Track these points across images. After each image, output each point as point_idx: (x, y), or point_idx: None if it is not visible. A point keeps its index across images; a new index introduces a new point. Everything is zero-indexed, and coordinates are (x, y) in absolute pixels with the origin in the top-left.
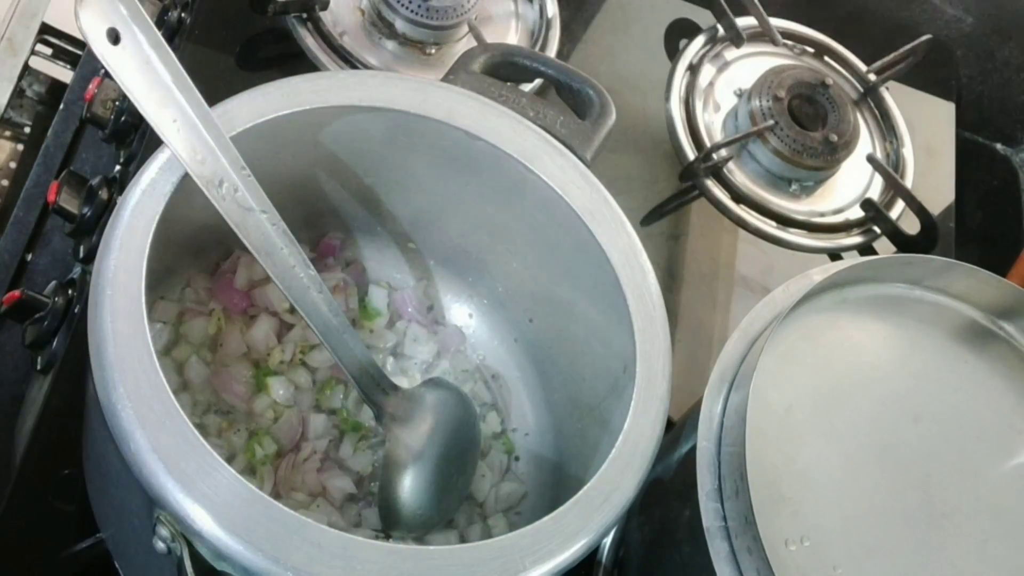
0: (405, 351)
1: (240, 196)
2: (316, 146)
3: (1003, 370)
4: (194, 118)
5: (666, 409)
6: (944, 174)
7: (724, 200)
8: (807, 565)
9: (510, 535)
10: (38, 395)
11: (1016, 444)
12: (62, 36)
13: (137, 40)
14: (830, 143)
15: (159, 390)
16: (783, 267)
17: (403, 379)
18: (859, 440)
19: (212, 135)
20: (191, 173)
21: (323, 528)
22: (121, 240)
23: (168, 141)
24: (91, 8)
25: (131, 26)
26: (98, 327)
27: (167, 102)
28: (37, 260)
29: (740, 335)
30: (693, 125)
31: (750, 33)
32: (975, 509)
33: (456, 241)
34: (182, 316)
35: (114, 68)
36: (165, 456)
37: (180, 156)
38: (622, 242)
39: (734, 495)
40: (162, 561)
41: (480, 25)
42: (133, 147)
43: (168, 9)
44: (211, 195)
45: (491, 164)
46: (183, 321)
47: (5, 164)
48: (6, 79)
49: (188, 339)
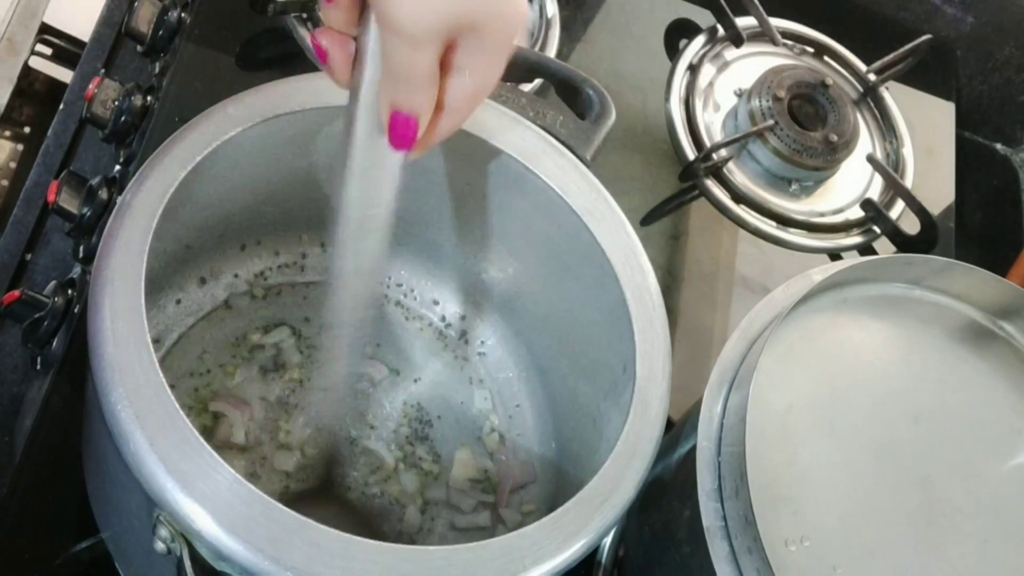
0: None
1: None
2: (315, 146)
3: (1003, 370)
4: None
5: (666, 409)
6: (944, 174)
7: (724, 200)
8: (807, 565)
9: (510, 535)
10: (38, 395)
11: (1016, 444)
12: (62, 36)
13: None
14: (830, 143)
15: (159, 390)
16: (783, 267)
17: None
18: (859, 440)
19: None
20: None
21: (323, 528)
22: (121, 240)
23: None
24: None
25: None
26: (98, 327)
27: None
28: (37, 260)
29: (740, 335)
30: (693, 125)
31: (750, 33)
32: (975, 509)
33: (456, 240)
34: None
35: None
36: (165, 456)
37: None
38: (622, 242)
39: (734, 495)
40: (162, 561)
41: None
42: (133, 147)
43: (168, 9)
44: None
45: (491, 164)
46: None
47: (5, 164)
48: (6, 79)
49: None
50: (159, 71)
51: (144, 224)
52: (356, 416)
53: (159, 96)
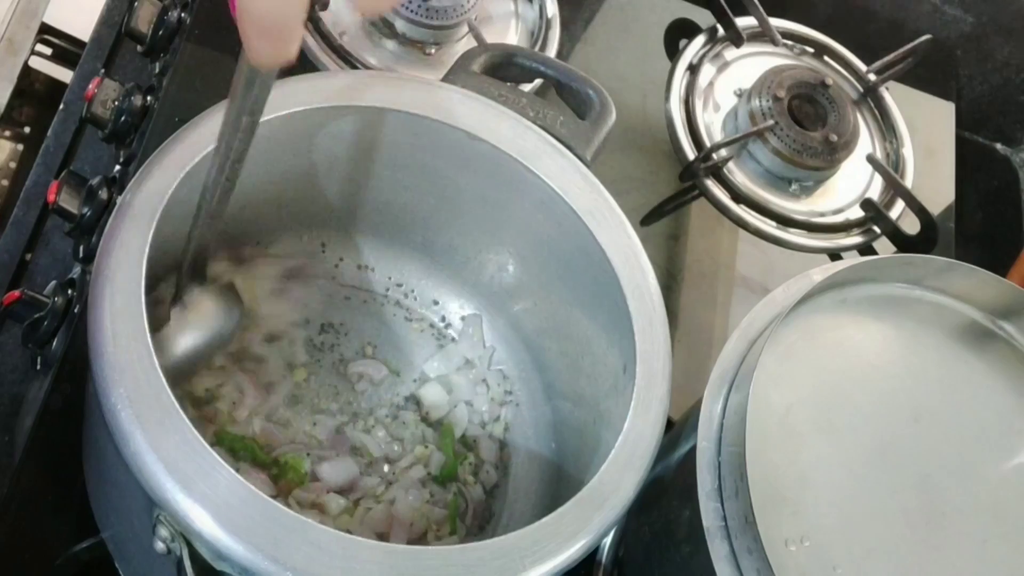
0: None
1: None
2: (315, 146)
3: (1003, 370)
4: None
5: (666, 409)
6: (944, 174)
7: (724, 200)
8: (807, 565)
9: (510, 535)
10: (38, 395)
11: (1016, 444)
12: (62, 36)
13: None
14: (830, 143)
15: (159, 390)
16: (783, 267)
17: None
18: (859, 440)
19: None
20: None
21: (323, 528)
22: (121, 240)
23: None
24: None
25: None
26: (98, 327)
27: None
28: (37, 260)
29: (740, 335)
30: (693, 125)
31: (750, 33)
32: (975, 509)
33: (456, 241)
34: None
35: None
36: (165, 456)
37: None
38: (622, 242)
39: (734, 495)
40: (162, 561)
41: (480, 25)
42: (133, 147)
43: (168, 9)
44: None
45: (491, 164)
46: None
47: (5, 164)
48: (6, 79)
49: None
50: (159, 71)
51: (144, 224)
52: (356, 416)
53: (159, 96)
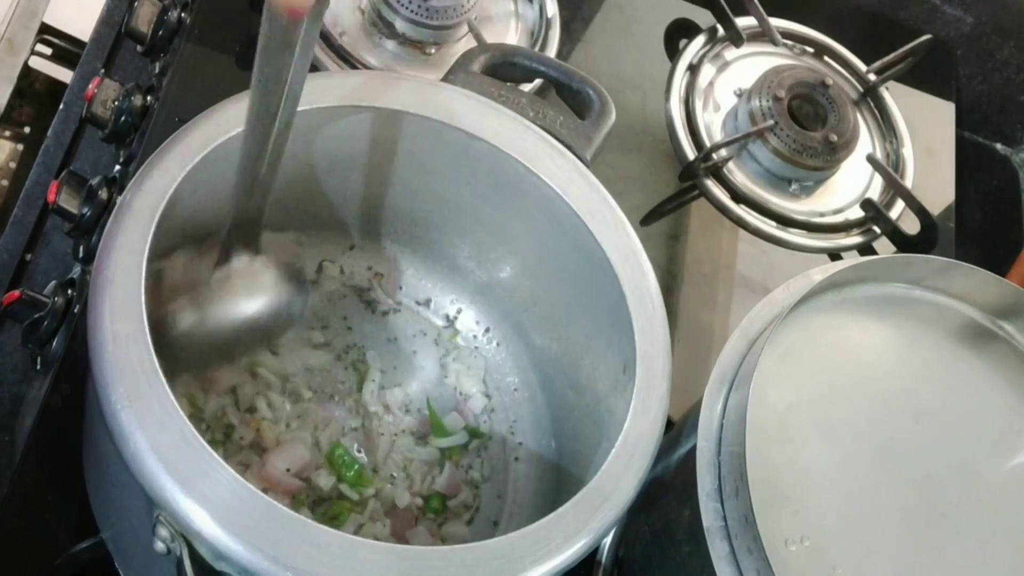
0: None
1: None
2: (315, 146)
3: (1003, 370)
4: None
5: (666, 409)
6: (944, 174)
7: (724, 200)
8: (807, 565)
9: (510, 535)
10: (38, 395)
11: (1016, 444)
12: (62, 36)
13: None
14: (830, 143)
15: (159, 390)
16: (783, 267)
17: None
18: (859, 440)
19: None
20: None
21: (323, 528)
22: (121, 240)
23: None
24: None
25: None
26: (98, 327)
27: None
28: (37, 260)
29: (740, 335)
30: (693, 125)
31: (750, 33)
32: (975, 509)
33: (456, 241)
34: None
35: None
36: (165, 456)
37: None
38: (622, 242)
39: (734, 495)
40: (162, 561)
41: (480, 25)
42: (133, 147)
43: (168, 9)
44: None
45: (491, 164)
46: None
47: (5, 164)
48: (6, 79)
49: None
50: (159, 71)
51: (144, 224)
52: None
53: (159, 96)
